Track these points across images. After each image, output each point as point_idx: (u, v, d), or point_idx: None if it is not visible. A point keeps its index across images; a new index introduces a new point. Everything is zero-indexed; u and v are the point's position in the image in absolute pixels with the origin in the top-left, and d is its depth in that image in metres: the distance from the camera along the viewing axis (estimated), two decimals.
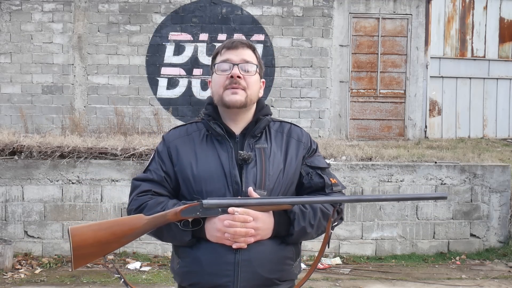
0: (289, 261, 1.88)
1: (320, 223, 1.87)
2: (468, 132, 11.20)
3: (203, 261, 1.81)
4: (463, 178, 6.20)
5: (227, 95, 1.88)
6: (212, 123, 1.91)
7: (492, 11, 11.28)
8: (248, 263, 1.78)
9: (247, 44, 1.96)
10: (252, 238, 1.77)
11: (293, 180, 1.92)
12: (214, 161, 1.86)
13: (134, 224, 1.77)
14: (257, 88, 1.97)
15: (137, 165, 5.90)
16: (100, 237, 1.73)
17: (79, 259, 1.73)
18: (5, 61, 9.08)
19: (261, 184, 1.84)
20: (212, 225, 1.78)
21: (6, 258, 5.42)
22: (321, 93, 9.36)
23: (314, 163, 1.97)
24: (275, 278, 1.84)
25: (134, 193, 1.91)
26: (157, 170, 1.92)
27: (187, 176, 1.87)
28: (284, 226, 1.83)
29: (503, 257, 6.06)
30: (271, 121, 1.98)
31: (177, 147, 1.92)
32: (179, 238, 1.83)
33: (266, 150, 1.90)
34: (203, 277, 1.81)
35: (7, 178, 5.87)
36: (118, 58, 9.17)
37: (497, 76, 11.37)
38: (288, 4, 9.27)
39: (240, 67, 1.89)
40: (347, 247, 6.09)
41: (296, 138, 1.98)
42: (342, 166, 6.06)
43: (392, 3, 9.47)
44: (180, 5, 9.19)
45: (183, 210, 1.75)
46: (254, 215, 1.75)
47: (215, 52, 1.99)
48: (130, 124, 8.69)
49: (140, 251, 5.92)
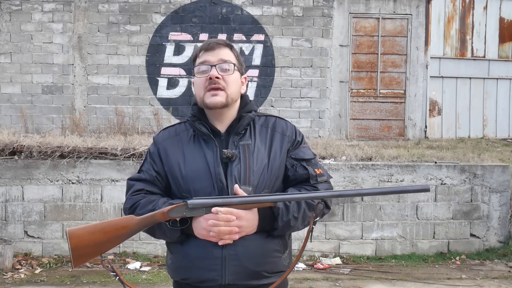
0: (277, 254, 1.93)
1: (305, 215, 1.90)
2: (468, 132, 11.20)
3: (192, 256, 1.89)
4: (463, 178, 6.20)
5: (207, 98, 1.93)
6: (197, 123, 1.97)
7: (492, 11, 11.28)
8: (235, 257, 1.85)
9: (223, 43, 1.99)
10: (237, 235, 1.82)
11: (278, 174, 1.96)
12: (200, 160, 1.92)
13: (125, 224, 1.85)
14: (238, 86, 2.00)
15: (137, 165, 5.90)
16: (96, 238, 1.82)
17: (78, 258, 1.81)
18: (5, 61, 9.08)
19: (246, 180, 1.89)
20: (198, 223, 1.84)
21: (6, 258, 5.42)
22: (321, 93, 9.36)
23: (298, 155, 1.99)
24: (263, 270, 1.89)
25: (129, 192, 2.00)
26: (149, 170, 2.00)
27: (176, 176, 1.94)
28: (269, 222, 1.87)
29: (503, 257, 6.06)
30: (254, 117, 2.01)
31: (166, 148, 1.99)
32: (169, 235, 1.90)
33: (250, 147, 1.94)
34: (192, 271, 1.89)
35: (7, 178, 5.87)
36: (118, 58, 9.17)
37: (497, 76, 11.37)
38: (288, 4, 9.27)
39: (218, 67, 1.93)
40: (347, 247, 6.09)
41: (280, 132, 2.01)
42: (342, 166, 6.06)
43: (392, 3, 9.47)
44: (180, 5, 9.19)
45: (170, 210, 1.82)
46: (237, 214, 1.80)
47: (194, 55, 2.04)
48: (130, 124, 8.69)
49: (140, 251, 5.92)
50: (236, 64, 1.99)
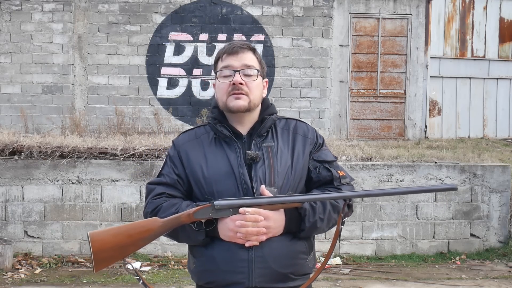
0: (303, 255, 1.91)
1: (330, 216, 1.90)
2: (468, 132, 11.20)
3: (217, 260, 1.85)
4: (463, 178, 6.20)
5: (231, 101, 1.92)
6: (219, 126, 1.95)
7: (492, 11, 11.28)
8: (262, 259, 1.82)
9: (247, 47, 1.98)
10: (264, 236, 1.80)
11: (301, 175, 1.96)
12: (223, 162, 1.91)
13: (149, 227, 1.82)
14: (260, 91, 1.99)
15: (137, 165, 5.90)
16: (119, 241, 1.80)
17: (100, 262, 1.79)
18: (5, 61, 9.08)
19: (270, 181, 1.88)
20: (224, 225, 1.82)
21: (6, 258, 5.42)
22: (321, 93, 9.36)
23: (321, 157, 2.00)
24: (290, 272, 1.87)
25: (149, 196, 1.97)
26: (170, 173, 1.97)
27: (198, 178, 1.92)
28: (295, 223, 1.86)
29: (503, 257, 6.06)
30: (276, 120, 2.01)
31: (187, 151, 1.97)
32: (193, 238, 1.87)
33: (273, 148, 1.94)
34: (218, 275, 1.86)
35: (7, 178, 5.87)
36: (118, 58, 9.17)
37: (497, 76, 11.37)
38: (288, 4, 9.27)
39: (241, 72, 1.92)
40: (347, 247, 6.09)
41: (302, 134, 2.01)
42: (342, 166, 6.05)
43: (392, 3, 9.47)
44: (180, 5, 9.19)
45: (196, 212, 1.80)
46: (265, 214, 1.79)
47: (216, 57, 2.01)
48: (130, 124, 8.69)
49: (140, 251, 5.91)
50: (259, 69, 1.98)
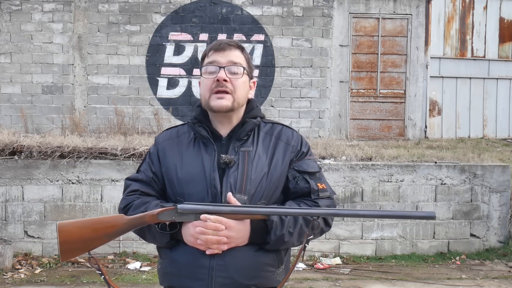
0: (270, 268, 1.83)
1: (301, 231, 1.81)
2: (468, 132, 11.20)
3: (179, 263, 1.82)
4: (463, 178, 6.20)
5: (213, 100, 1.85)
6: (197, 126, 1.89)
7: (492, 11, 11.28)
8: (223, 268, 1.76)
9: (234, 44, 1.91)
10: (225, 245, 1.74)
11: (277, 184, 1.86)
12: (197, 164, 1.85)
13: (114, 223, 1.81)
14: (246, 90, 1.92)
15: (137, 165, 5.88)
16: (84, 234, 1.78)
17: (66, 253, 1.77)
18: (5, 61, 9.08)
19: (241, 188, 1.80)
20: (187, 230, 1.78)
21: (6, 258, 5.42)
22: (321, 93, 9.36)
23: (302, 167, 1.89)
24: (253, 284, 1.79)
25: (125, 192, 1.97)
26: (146, 170, 1.95)
27: (172, 178, 1.87)
28: (261, 235, 1.78)
29: (503, 257, 6.06)
30: (259, 124, 1.93)
31: (164, 149, 1.93)
32: (158, 239, 1.85)
33: (250, 154, 1.85)
34: (178, 279, 1.83)
35: (7, 178, 5.87)
36: (118, 58, 9.17)
37: (497, 76, 11.37)
38: (288, 4, 9.27)
39: (226, 69, 1.85)
40: (347, 247, 6.09)
41: (284, 141, 1.91)
42: (342, 166, 6.06)
43: (392, 3, 9.47)
44: (180, 5, 9.19)
45: (160, 213, 1.76)
46: (227, 224, 1.72)
47: (203, 54, 1.96)
48: (130, 124, 8.69)
49: (140, 251, 5.91)
50: (246, 68, 1.90)
